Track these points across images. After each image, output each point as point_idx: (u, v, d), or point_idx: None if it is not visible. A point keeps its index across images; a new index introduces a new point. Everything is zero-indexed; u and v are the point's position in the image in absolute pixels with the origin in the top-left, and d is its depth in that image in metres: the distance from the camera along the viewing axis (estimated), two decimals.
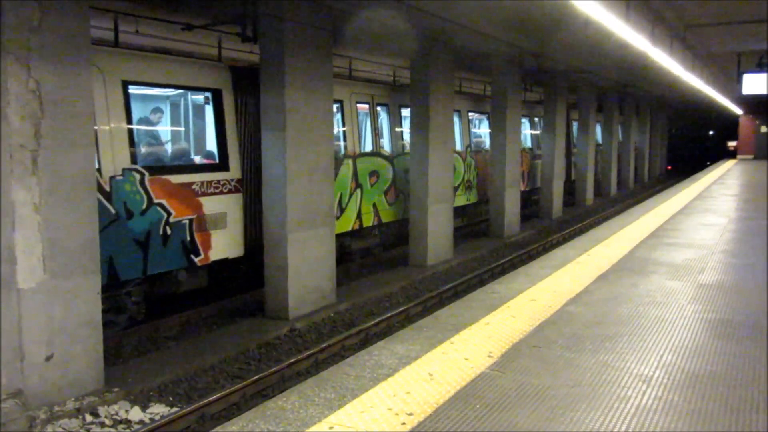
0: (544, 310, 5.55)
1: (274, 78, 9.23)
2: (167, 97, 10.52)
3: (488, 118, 17.81)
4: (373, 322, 9.45)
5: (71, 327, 6.54)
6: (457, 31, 12.57)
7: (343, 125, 12.39)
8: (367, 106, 13.26)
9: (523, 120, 19.69)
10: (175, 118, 10.56)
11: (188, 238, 9.11)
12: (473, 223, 18.13)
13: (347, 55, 14.82)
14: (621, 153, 30.35)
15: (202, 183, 9.32)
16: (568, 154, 23.58)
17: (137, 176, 8.41)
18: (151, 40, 11.38)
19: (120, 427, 6.48)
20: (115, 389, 6.93)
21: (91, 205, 6.75)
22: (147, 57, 9.12)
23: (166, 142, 9.76)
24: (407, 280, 12.10)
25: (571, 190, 24.15)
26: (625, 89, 27.05)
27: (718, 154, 46.71)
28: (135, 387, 7.11)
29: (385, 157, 13.73)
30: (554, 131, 20.74)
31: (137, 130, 8.79)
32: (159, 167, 8.88)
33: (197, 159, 10.00)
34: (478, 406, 3.66)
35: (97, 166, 7.54)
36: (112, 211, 8.10)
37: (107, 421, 6.50)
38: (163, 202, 8.76)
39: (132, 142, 8.43)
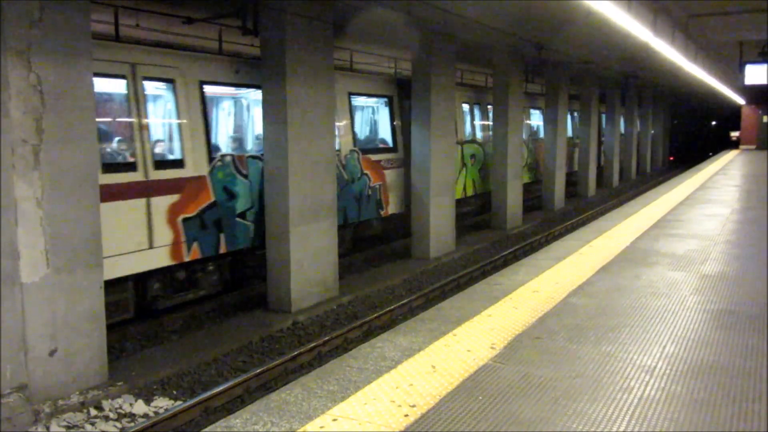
0: (546, 301, 5.55)
1: (275, 71, 9.22)
2: (367, 101, 14.23)
3: (542, 113, 21.84)
4: (375, 315, 9.47)
5: (75, 321, 6.56)
6: (459, 23, 12.52)
7: (457, 119, 15.67)
8: (468, 105, 17.09)
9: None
10: (371, 115, 14.69)
11: (378, 198, 13.12)
12: (532, 197, 21.34)
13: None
14: (623, 144, 30.29)
15: (385, 160, 13.41)
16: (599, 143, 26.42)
17: (356, 155, 12.47)
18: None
19: (124, 420, 6.51)
20: (119, 383, 6.95)
21: (94, 199, 6.75)
22: (358, 75, 13.59)
23: (369, 132, 14.32)
24: (410, 272, 12.11)
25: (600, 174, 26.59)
26: (627, 80, 26.95)
27: (720, 144, 46.57)
28: (139, 381, 7.14)
29: (479, 143, 17.49)
30: (556, 123, 20.68)
31: (356, 123, 13.07)
32: (366, 149, 13.02)
33: (381, 144, 13.88)
34: (480, 397, 3.66)
35: (337, 148, 11.35)
36: (345, 177, 12.02)
37: (111, 415, 6.53)
38: (368, 172, 12.83)
39: (353, 132, 12.56)
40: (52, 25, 6.22)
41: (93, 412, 6.52)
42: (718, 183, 16.66)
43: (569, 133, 23.29)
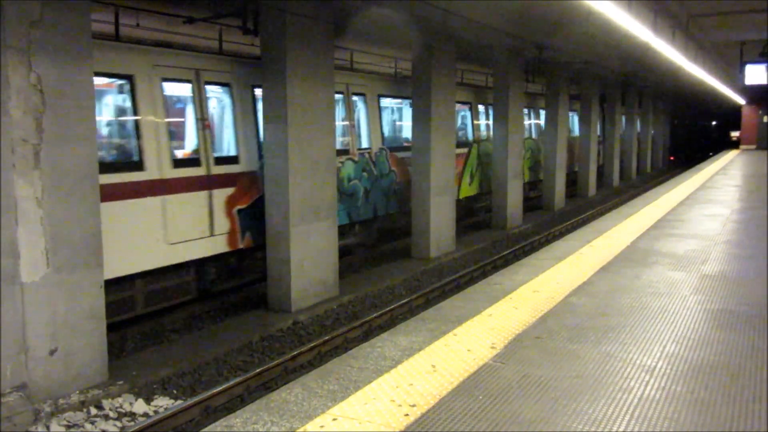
0: (546, 301, 5.55)
1: (275, 71, 9.22)
2: (393, 102, 15.06)
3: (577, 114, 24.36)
4: (376, 314, 9.47)
5: (75, 321, 6.56)
6: (460, 23, 12.52)
7: (474, 120, 17.45)
8: (483, 106, 18.04)
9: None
10: (397, 116, 15.59)
11: (403, 193, 13.79)
12: (538, 196, 21.71)
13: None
14: (624, 144, 30.28)
15: (408, 158, 13.84)
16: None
17: (384, 152, 13.37)
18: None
19: (124, 419, 6.51)
20: (120, 382, 6.95)
21: (94, 199, 6.75)
22: (386, 79, 14.40)
23: (395, 131, 15.33)
24: (410, 272, 12.10)
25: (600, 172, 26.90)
26: (627, 80, 26.95)
27: (720, 144, 46.54)
28: (139, 380, 7.14)
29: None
30: (556, 123, 20.67)
31: (382, 123, 13.71)
32: (392, 147, 13.87)
33: (406, 143, 14.42)
34: (480, 397, 3.66)
35: (368, 146, 12.86)
36: (375, 172, 12.93)
37: (112, 414, 6.53)
38: (394, 169, 13.74)
39: (382, 131, 13.41)
40: (52, 25, 6.22)
41: (93, 411, 6.52)
42: (719, 183, 16.66)
43: (570, 133, 23.36)
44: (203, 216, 9.15)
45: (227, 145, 9.98)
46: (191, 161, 9.12)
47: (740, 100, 36.00)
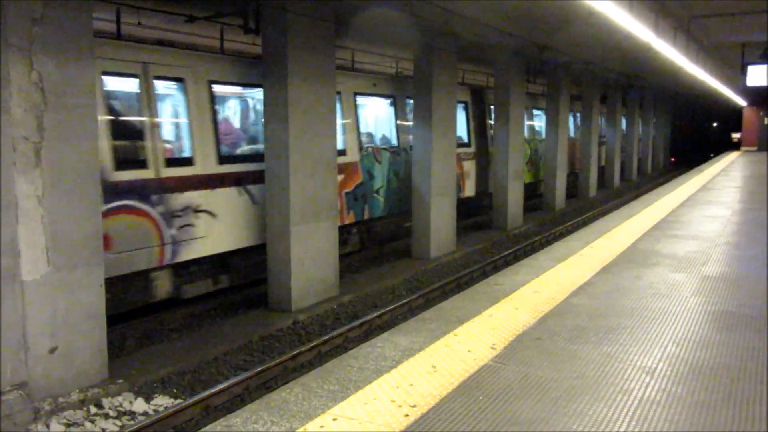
0: (547, 302, 5.55)
1: (276, 70, 9.21)
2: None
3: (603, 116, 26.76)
4: (376, 314, 9.46)
5: (75, 319, 6.56)
6: (461, 23, 12.51)
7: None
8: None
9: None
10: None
11: (458, 183, 15.48)
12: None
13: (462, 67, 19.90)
14: (624, 145, 30.27)
15: (463, 153, 16.23)
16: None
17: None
18: None
19: (124, 418, 6.51)
20: (119, 381, 6.95)
21: (95, 197, 6.75)
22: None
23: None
24: (410, 272, 12.10)
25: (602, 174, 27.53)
26: (628, 81, 26.94)
27: (721, 145, 46.54)
28: (139, 379, 7.14)
29: (527, 141, 19.57)
30: (557, 124, 20.66)
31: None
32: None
33: (459, 141, 15.60)
34: (481, 397, 3.66)
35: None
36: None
37: (111, 413, 6.53)
38: None
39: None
40: (53, 23, 6.22)
41: (93, 409, 6.52)
42: (719, 184, 16.66)
43: (571, 133, 23.39)
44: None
45: (341, 140, 12.03)
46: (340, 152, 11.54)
47: (741, 102, 36.01)
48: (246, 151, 10.36)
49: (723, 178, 18.81)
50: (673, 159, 44.72)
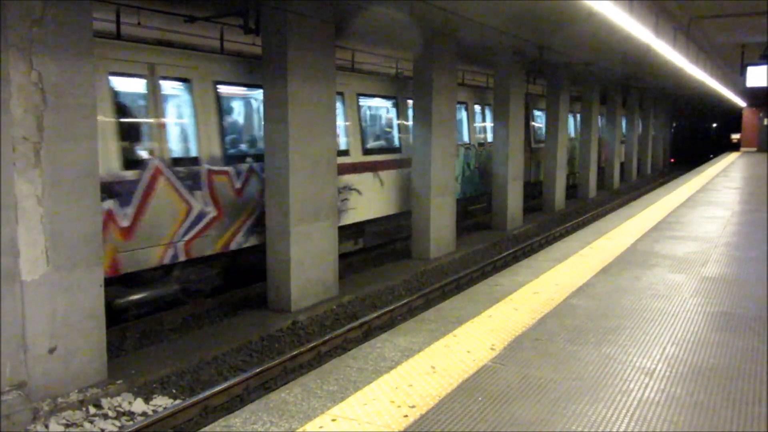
0: (546, 302, 5.55)
1: (276, 70, 9.21)
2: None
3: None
4: (375, 315, 9.46)
5: (74, 319, 6.56)
6: (461, 24, 12.51)
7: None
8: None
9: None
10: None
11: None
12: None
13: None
14: (624, 145, 30.28)
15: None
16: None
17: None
18: None
19: (123, 419, 6.50)
20: (118, 381, 6.95)
21: (94, 197, 6.75)
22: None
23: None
24: (410, 272, 12.10)
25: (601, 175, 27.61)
26: (628, 82, 26.94)
27: (721, 146, 46.54)
28: (138, 379, 7.13)
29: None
30: (557, 124, 20.66)
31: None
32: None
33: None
34: (480, 398, 3.66)
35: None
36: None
37: (110, 413, 6.52)
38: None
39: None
40: (53, 23, 6.22)
41: (92, 410, 6.52)
42: (719, 185, 16.66)
43: (571, 134, 23.46)
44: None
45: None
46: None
47: (741, 103, 36.01)
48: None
49: (722, 179, 18.82)
50: (672, 159, 44.73)
